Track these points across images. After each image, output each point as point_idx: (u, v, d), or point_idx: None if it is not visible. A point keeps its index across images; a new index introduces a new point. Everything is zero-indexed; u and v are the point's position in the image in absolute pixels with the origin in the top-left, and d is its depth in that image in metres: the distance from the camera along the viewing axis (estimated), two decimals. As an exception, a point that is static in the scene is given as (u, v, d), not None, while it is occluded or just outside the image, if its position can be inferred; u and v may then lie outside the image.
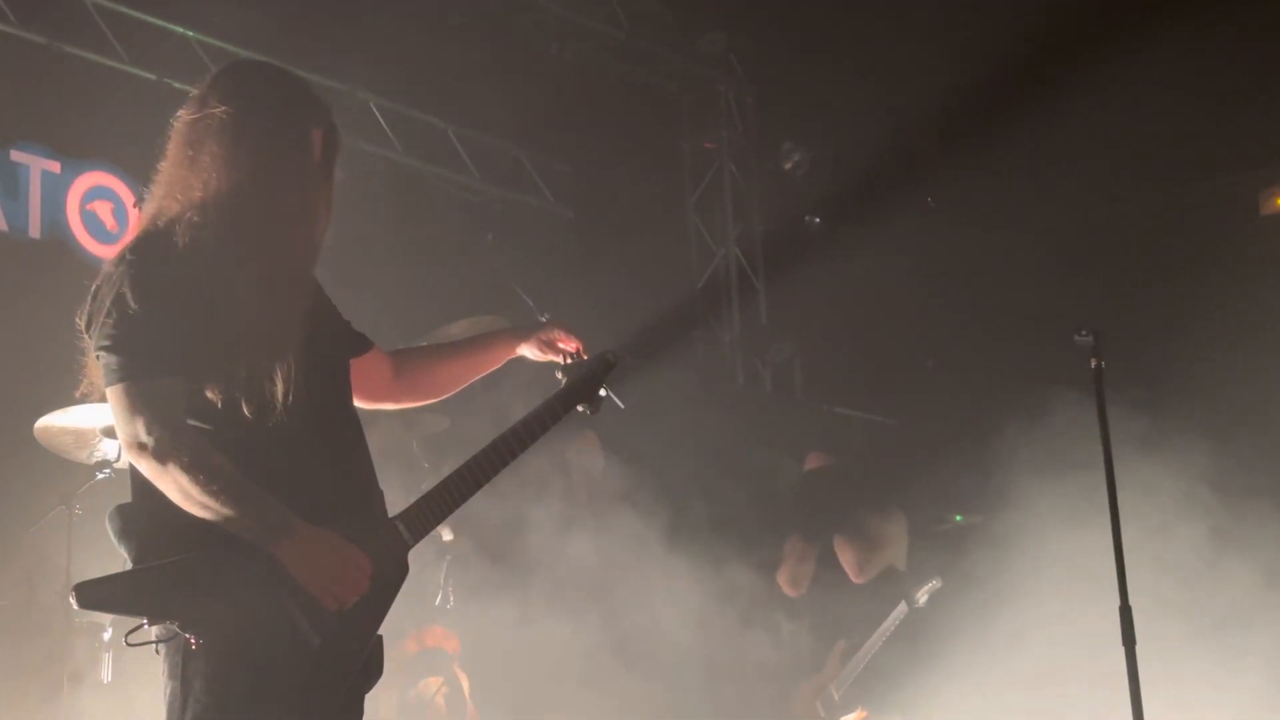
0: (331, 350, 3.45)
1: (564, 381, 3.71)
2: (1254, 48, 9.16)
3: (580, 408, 3.72)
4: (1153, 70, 8.96)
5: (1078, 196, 9.88)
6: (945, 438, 9.31)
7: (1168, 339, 9.01)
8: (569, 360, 3.74)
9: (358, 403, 3.55)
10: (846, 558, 8.14)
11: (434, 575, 7.04)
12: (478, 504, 3.63)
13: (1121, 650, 4.60)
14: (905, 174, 9.49)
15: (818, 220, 10.38)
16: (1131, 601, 4.61)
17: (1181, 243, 10.01)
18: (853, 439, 9.83)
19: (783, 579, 8.43)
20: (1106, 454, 4.68)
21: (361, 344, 3.62)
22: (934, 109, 9.12)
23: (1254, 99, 9.47)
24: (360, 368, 3.58)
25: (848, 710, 7.91)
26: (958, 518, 9.15)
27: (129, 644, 3.16)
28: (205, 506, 3.09)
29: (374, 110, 8.80)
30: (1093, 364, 4.71)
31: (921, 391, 10.32)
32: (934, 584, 7.66)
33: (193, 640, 3.09)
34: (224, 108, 3.29)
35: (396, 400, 3.79)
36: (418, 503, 3.45)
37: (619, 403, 3.81)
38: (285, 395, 3.19)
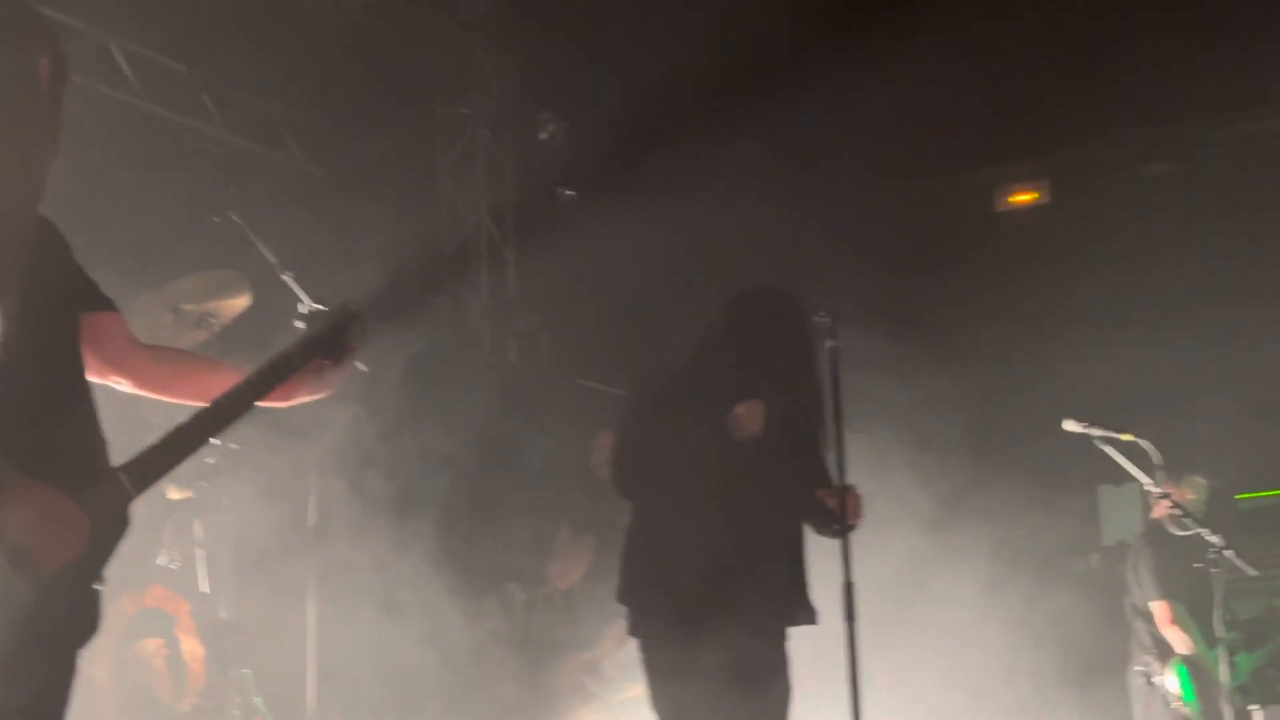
0: (59, 293, 3.29)
1: (304, 330, 3.60)
2: (991, 50, 9.46)
3: (322, 359, 3.60)
4: (899, 67, 9.20)
5: (827, 184, 10.10)
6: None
7: (910, 325, 9.30)
8: (310, 310, 3.63)
9: (88, 374, 3.39)
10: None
11: (158, 534, 6.83)
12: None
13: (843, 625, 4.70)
14: (660, 149, 9.54)
15: (570, 192, 10.36)
16: (855, 578, 4.71)
17: (925, 234, 10.35)
18: (597, 413, 9.86)
19: (554, 570, 8.50)
20: (839, 432, 4.77)
21: (97, 300, 3.45)
22: (692, 86, 9.18)
23: (991, 99, 9.81)
24: (94, 327, 3.41)
25: (620, 684, 7.99)
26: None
27: None
28: (-92, 452, 2.92)
29: (114, 52, 8.46)
30: (828, 344, 4.80)
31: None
32: None
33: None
34: (-59, 30, 3.11)
35: (134, 379, 3.57)
36: (143, 453, 3.31)
37: (360, 365, 3.71)
38: (3, 335, 3.03)
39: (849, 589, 4.65)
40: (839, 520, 4.72)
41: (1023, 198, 11.17)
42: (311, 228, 8.19)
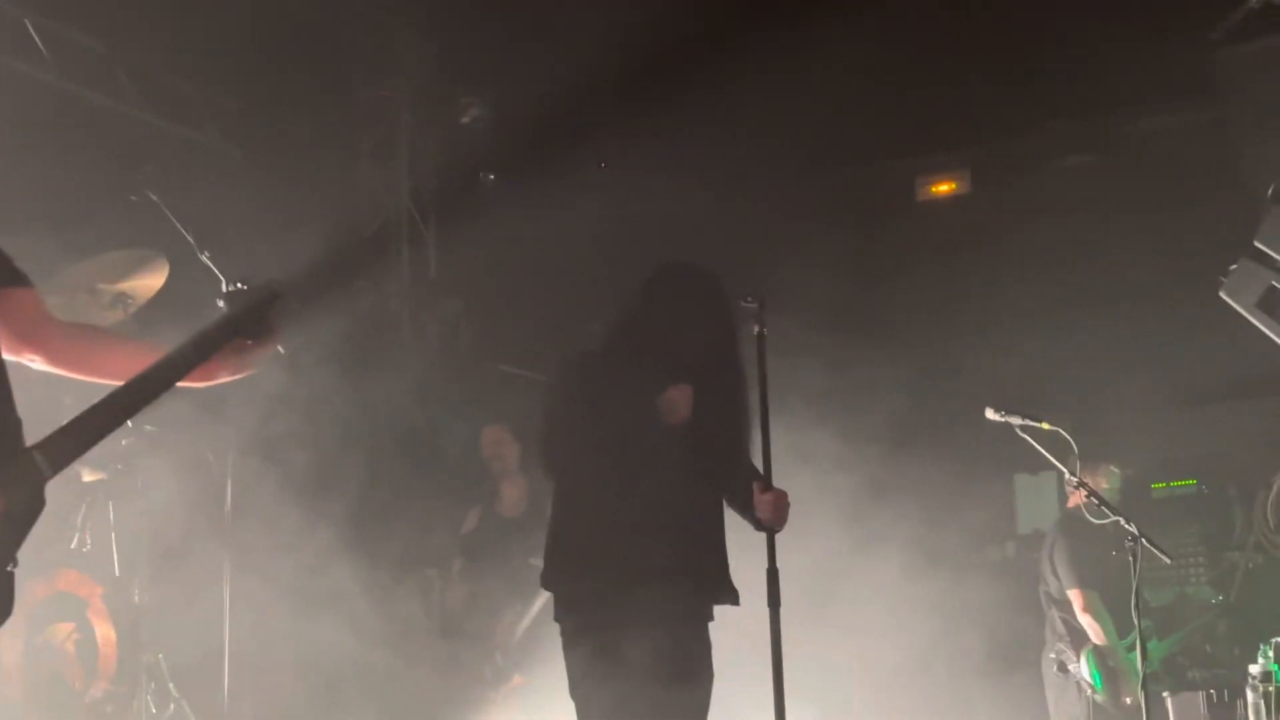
0: None
1: (225, 309, 3.54)
2: (915, 40, 9.51)
3: (244, 339, 3.54)
4: (822, 54, 9.22)
5: (751, 171, 10.10)
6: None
7: (832, 313, 9.34)
8: (231, 288, 3.57)
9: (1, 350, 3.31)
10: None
11: (71, 517, 6.72)
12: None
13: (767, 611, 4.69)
14: (581, 136, 9.50)
15: (492, 177, 10.31)
16: (779, 564, 4.70)
17: (846, 222, 10.38)
18: (517, 398, 9.84)
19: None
20: (764, 419, 4.75)
21: (10, 275, 3.36)
22: (613, 72, 9.15)
23: (915, 89, 9.85)
24: (7, 302, 3.33)
25: (509, 675, 8.00)
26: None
27: None
28: None
29: (28, 27, 8.30)
30: (755, 329, 4.77)
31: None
32: None
33: None
34: None
35: (49, 356, 3.50)
36: (58, 433, 3.24)
37: (278, 347, 3.65)
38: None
39: (773, 575, 4.64)
40: (761, 522, 4.71)
41: (943, 188, 11.27)
42: (230, 209, 8.08)
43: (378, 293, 10.33)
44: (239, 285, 3.59)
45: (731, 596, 4.87)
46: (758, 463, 4.79)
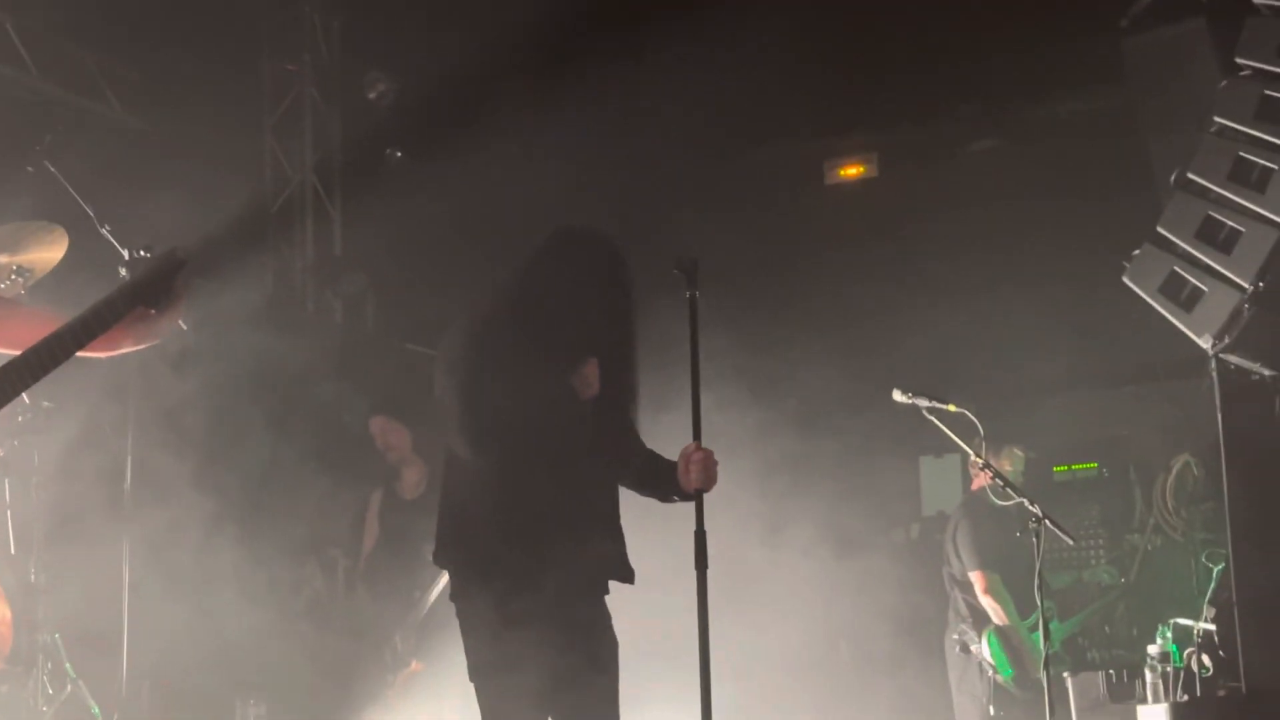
0: None
1: (128, 276, 3.45)
2: (823, 24, 9.52)
3: (149, 308, 3.45)
4: (730, 36, 9.21)
5: (658, 149, 10.07)
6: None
7: (743, 293, 9.35)
8: (135, 255, 3.47)
9: None
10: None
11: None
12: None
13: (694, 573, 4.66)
14: (491, 111, 9.43)
15: (399, 154, 10.20)
16: (707, 526, 4.67)
17: (755, 203, 10.39)
18: (423, 375, 9.76)
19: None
20: (694, 381, 4.69)
21: None
22: (525, 48, 9.08)
23: (823, 73, 9.87)
24: None
25: (407, 662, 7.96)
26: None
27: None
28: None
29: (-80, -9, 8.10)
30: (688, 295, 4.69)
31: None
32: None
33: None
34: None
35: None
36: (-47, 403, 3.15)
37: (180, 323, 3.57)
38: None
39: (701, 537, 4.61)
40: (682, 488, 4.65)
41: (851, 171, 11.33)
42: (131, 182, 7.93)
43: (281, 268, 10.20)
44: (143, 252, 3.49)
45: (628, 574, 4.82)
46: (687, 425, 4.70)
